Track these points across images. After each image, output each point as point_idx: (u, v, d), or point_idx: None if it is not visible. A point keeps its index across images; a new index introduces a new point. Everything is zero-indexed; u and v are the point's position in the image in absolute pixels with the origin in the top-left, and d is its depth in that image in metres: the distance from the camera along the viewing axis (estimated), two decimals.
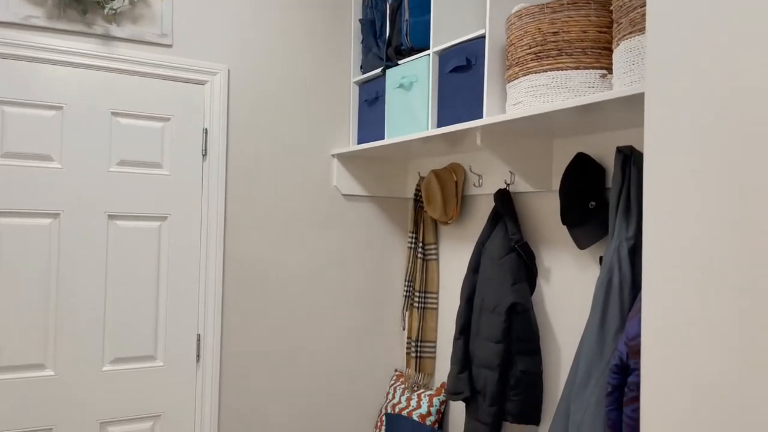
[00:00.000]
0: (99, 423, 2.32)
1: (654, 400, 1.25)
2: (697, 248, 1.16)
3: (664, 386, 1.23)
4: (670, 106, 1.18)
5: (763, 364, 1.05)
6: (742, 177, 1.08)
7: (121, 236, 2.37)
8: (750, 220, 1.07)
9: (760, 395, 1.05)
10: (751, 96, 1.05)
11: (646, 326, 1.27)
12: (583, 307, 2.11)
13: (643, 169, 1.23)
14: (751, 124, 1.06)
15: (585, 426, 1.74)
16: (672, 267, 1.21)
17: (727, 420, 1.10)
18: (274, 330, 2.68)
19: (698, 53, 1.12)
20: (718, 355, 1.12)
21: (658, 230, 1.23)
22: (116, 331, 2.36)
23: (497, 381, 2.15)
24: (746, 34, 1.04)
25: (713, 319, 1.13)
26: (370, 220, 2.92)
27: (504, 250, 2.22)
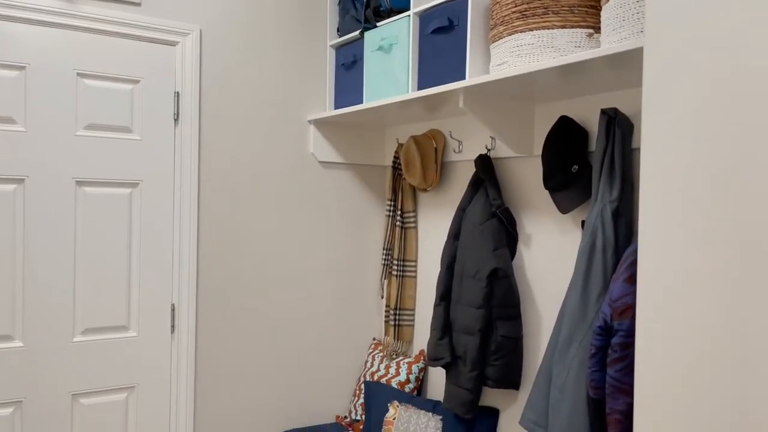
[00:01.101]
0: (71, 395, 2.26)
1: (647, 360, 1.25)
2: (693, 202, 1.15)
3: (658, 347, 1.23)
4: (670, 59, 1.16)
5: (758, 319, 1.05)
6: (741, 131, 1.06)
7: (90, 203, 2.28)
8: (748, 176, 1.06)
9: (754, 351, 1.05)
10: (752, 48, 1.03)
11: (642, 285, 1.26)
12: (565, 272, 2.11)
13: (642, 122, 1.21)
14: (751, 76, 1.04)
15: (567, 388, 1.74)
16: (668, 223, 1.20)
17: (721, 377, 1.11)
18: (250, 299, 2.63)
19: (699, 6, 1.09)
20: (713, 314, 1.12)
21: (655, 185, 1.22)
22: (87, 301, 2.28)
23: (478, 346, 2.15)
24: None
25: (707, 278, 1.13)
26: (348, 188, 2.87)
27: (485, 216, 2.20)
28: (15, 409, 2.17)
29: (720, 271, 1.11)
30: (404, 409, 2.48)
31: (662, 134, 1.20)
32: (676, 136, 1.18)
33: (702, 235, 1.14)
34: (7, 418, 2.15)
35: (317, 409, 2.82)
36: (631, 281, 1.57)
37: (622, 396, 1.56)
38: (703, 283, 1.14)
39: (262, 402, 2.67)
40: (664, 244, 1.21)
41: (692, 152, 1.15)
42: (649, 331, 1.25)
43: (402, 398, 2.52)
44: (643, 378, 1.26)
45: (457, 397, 2.23)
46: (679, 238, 1.18)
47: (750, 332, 1.06)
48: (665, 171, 1.20)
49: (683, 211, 1.17)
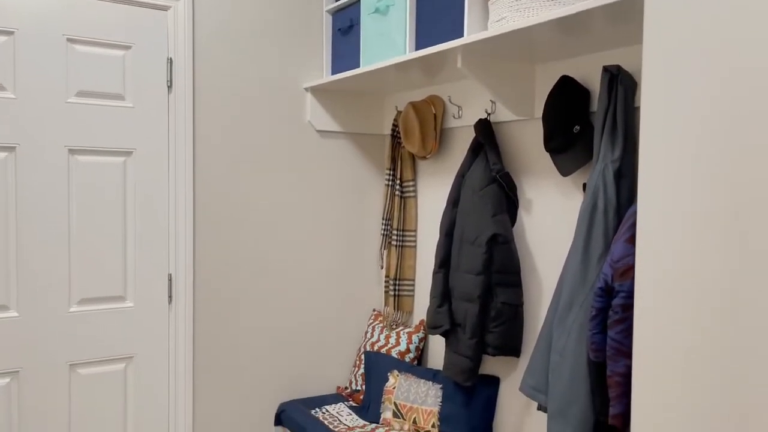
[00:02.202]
0: (68, 365, 2.25)
1: (647, 322, 1.21)
2: (694, 160, 1.11)
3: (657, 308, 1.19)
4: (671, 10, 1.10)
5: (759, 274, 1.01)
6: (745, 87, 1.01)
7: (83, 172, 2.24)
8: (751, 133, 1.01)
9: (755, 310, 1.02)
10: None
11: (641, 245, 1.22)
12: (567, 237, 2.07)
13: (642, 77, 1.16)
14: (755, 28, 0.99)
15: (568, 352, 1.71)
16: (668, 182, 1.16)
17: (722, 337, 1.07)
18: (248, 271, 2.61)
19: None
20: (714, 275, 1.08)
21: (655, 143, 1.17)
22: (82, 271, 2.26)
23: (477, 313, 2.12)
24: None
25: (708, 237, 1.09)
26: (346, 157, 2.83)
27: (485, 181, 2.16)
28: (12, 380, 2.16)
29: (721, 229, 1.07)
30: (404, 378, 2.46)
31: (662, 90, 1.16)
32: (676, 91, 1.13)
33: (702, 193, 1.10)
34: (4, 388, 2.14)
35: (318, 380, 2.80)
36: (632, 242, 1.53)
37: (623, 358, 1.53)
38: (704, 242, 1.10)
39: (262, 373, 2.65)
40: (663, 204, 1.17)
41: (693, 109, 1.10)
42: (648, 292, 1.21)
43: (402, 367, 2.50)
44: (643, 339, 1.22)
45: (457, 364, 2.21)
46: (679, 196, 1.14)
47: (750, 289, 1.03)
48: (665, 128, 1.16)
49: (683, 170, 1.13)
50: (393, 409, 2.42)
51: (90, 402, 2.29)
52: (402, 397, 2.42)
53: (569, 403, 1.69)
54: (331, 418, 2.50)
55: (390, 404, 2.44)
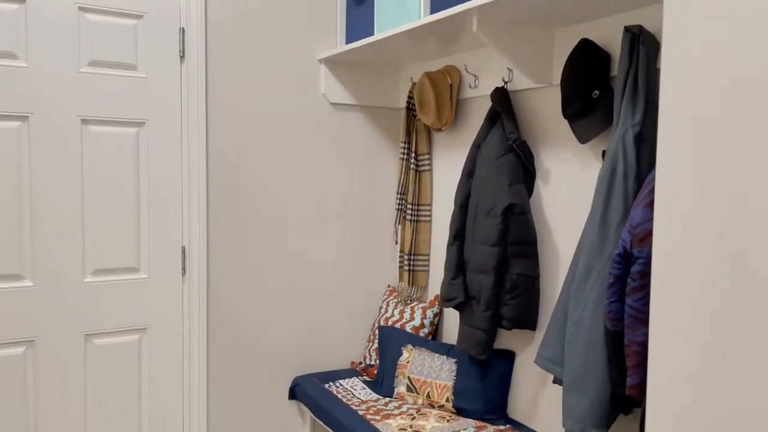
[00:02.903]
0: (83, 335, 2.26)
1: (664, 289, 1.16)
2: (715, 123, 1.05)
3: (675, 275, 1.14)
4: None
5: None
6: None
7: (96, 142, 2.24)
8: None
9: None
10: None
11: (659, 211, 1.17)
12: (585, 208, 2.01)
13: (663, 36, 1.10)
14: None
15: (584, 322, 1.67)
16: (686, 145, 1.10)
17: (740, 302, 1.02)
18: (262, 244, 2.59)
19: None
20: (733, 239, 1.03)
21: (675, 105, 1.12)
22: (96, 242, 2.26)
23: (492, 285, 2.08)
24: None
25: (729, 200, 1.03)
26: (361, 131, 2.79)
27: (501, 151, 2.11)
28: (27, 348, 2.17)
29: (741, 194, 1.01)
30: (418, 352, 2.43)
31: (683, 49, 1.10)
32: (698, 50, 1.07)
33: (723, 157, 1.04)
34: (20, 356, 2.16)
35: (332, 355, 2.79)
36: (653, 207, 1.47)
37: (642, 326, 1.48)
38: (724, 206, 1.05)
39: (277, 347, 2.65)
40: (682, 167, 1.12)
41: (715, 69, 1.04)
42: (666, 258, 1.16)
43: (416, 342, 2.48)
44: (660, 307, 1.18)
45: (471, 337, 2.17)
46: (699, 159, 1.08)
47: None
48: (686, 89, 1.10)
49: (704, 133, 1.07)
50: (407, 383, 2.40)
51: (105, 372, 2.30)
52: (416, 371, 2.39)
53: (585, 375, 1.65)
54: (344, 392, 2.49)
55: (404, 378, 2.41)
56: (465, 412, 2.26)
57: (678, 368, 1.14)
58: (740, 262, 1.03)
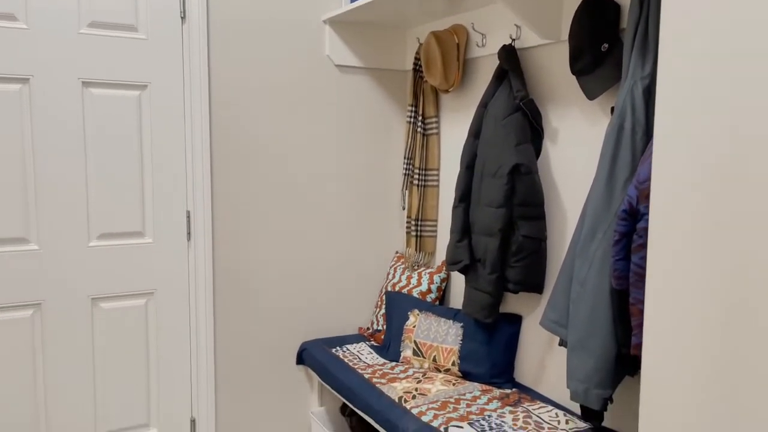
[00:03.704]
0: (90, 298, 2.27)
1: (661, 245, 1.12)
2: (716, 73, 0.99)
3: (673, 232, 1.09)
4: None
5: None
6: None
7: (97, 105, 2.22)
8: None
9: None
10: None
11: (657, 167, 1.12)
12: (593, 168, 1.95)
13: None
14: None
15: (589, 282, 1.63)
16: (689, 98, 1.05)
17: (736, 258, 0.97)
18: (267, 209, 2.57)
19: None
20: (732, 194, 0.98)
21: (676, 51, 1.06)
22: (100, 206, 2.25)
23: (498, 247, 2.04)
24: None
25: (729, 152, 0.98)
26: (367, 94, 2.74)
27: (508, 110, 2.05)
28: (35, 312, 2.19)
29: (743, 144, 0.96)
30: (424, 317, 2.41)
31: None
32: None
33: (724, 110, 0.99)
34: (27, 319, 2.18)
35: (339, 321, 2.79)
36: None
37: None
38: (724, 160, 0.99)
39: (284, 312, 2.64)
40: (682, 121, 1.06)
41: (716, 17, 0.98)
42: (664, 213, 1.11)
43: (422, 307, 2.46)
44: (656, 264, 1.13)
45: (477, 301, 2.14)
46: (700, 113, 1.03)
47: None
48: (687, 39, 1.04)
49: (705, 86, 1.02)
50: (413, 348, 2.38)
51: (112, 335, 2.32)
52: (422, 335, 2.38)
53: (590, 335, 1.62)
54: (351, 356, 2.48)
55: (410, 343, 2.40)
56: (471, 375, 2.25)
57: (674, 327, 1.10)
58: (741, 215, 0.98)
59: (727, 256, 1.02)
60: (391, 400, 2.06)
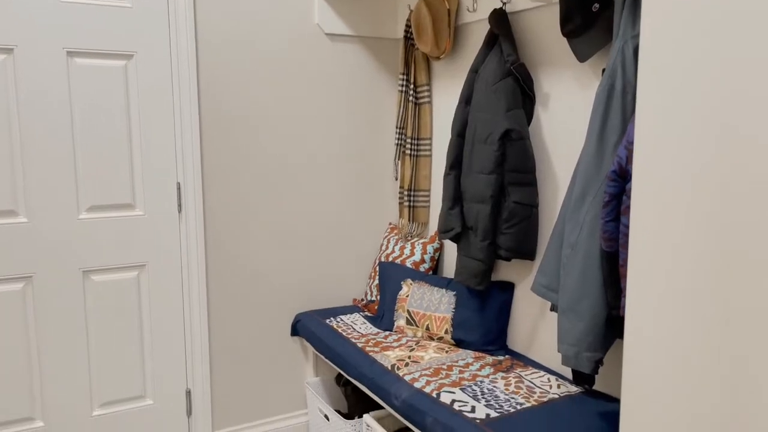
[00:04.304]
0: (81, 271, 2.26)
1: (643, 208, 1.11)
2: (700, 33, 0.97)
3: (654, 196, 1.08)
4: None
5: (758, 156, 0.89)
6: None
7: (83, 75, 2.18)
8: None
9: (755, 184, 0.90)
10: None
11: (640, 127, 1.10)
12: (585, 133, 1.93)
13: None
14: None
15: (580, 245, 1.62)
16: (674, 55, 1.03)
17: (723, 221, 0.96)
18: (259, 182, 2.55)
19: None
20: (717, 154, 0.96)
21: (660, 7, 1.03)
22: (89, 178, 2.23)
23: (489, 214, 2.03)
24: None
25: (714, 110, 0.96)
26: (358, 63, 2.70)
27: (499, 75, 2.02)
28: (26, 284, 2.18)
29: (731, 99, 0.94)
30: (417, 286, 2.41)
31: None
32: None
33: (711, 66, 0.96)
34: (18, 292, 2.17)
35: (333, 293, 2.78)
36: None
37: None
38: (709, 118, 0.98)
39: (278, 284, 2.64)
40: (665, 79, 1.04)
41: None
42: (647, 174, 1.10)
43: (416, 276, 2.45)
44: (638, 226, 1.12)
45: (469, 268, 2.14)
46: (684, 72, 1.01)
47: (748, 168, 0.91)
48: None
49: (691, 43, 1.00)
50: (406, 317, 2.38)
51: (105, 308, 2.31)
52: (415, 304, 2.38)
53: (580, 298, 1.61)
54: (345, 326, 2.49)
55: (403, 312, 2.40)
56: (464, 343, 2.25)
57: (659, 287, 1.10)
58: (722, 178, 0.97)
59: (712, 215, 1.00)
60: (384, 368, 2.06)
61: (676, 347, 1.08)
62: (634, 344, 1.16)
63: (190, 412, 2.51)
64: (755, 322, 0.95)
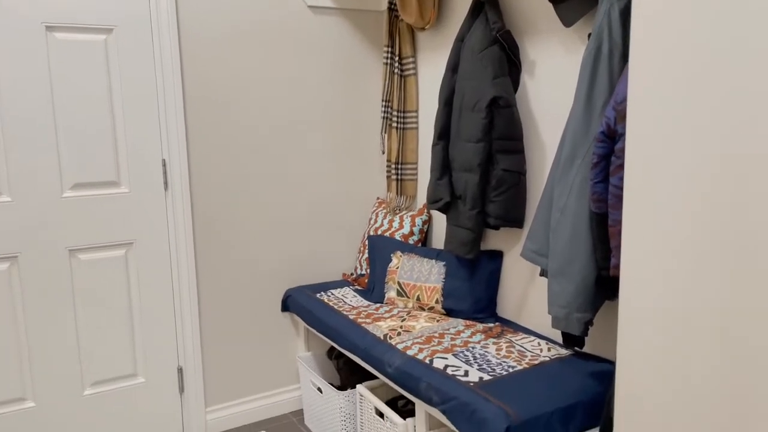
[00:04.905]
0: (67, 250, 2.24)
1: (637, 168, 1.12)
2: None
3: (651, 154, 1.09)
4: None
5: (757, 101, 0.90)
6: None
7: (62, 50, 2.14)
8: None
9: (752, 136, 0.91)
10: None
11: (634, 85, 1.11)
12: (571, 100, 1.94)
13: None
14: None
15: (569, 208, 1.64)
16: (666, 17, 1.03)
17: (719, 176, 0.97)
18: (245, 157, 2.53)
19: None
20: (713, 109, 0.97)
21: None
22: (72, 155, 2.20)
23: (478, 182, 2.04)
24: None
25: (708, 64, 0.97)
26: (342, 36, 2.68)
27: (485, 42, 2.02)
28: (11, 264, 2.16)
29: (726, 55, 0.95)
30: (407, 258, 2.42)
31: None
32: None
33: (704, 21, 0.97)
34: (4, 272, 2.14)
35: (323, 268, 2.79)
36: None
37: None
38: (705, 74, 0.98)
39: (267, 260, 2.63)
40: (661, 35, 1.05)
41: None
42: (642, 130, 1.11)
43: (405, 248, 2.46)
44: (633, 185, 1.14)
45: (458, 237, 2.15)
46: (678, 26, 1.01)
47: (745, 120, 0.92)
48: None
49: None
50: (397, 289, 2.40)
51: (93, 287, 2.30)
52: (405, 276, 2.39)
53: (570, 261, 1.63)
54: (336, 300, 2.49)
55: (394, 284, 2.41)
56: (454, 312, 2.27)
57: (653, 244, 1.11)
58: (718, 130, 0.98)
59: (705, 173, 1.02)
60: (376, 338, 2.08)
61: (674, 305, 1.10)
62: (630, 302, 1.17)
63: (183, 389, 2.51)
64: (754, 277, 0.97)
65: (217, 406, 2.59)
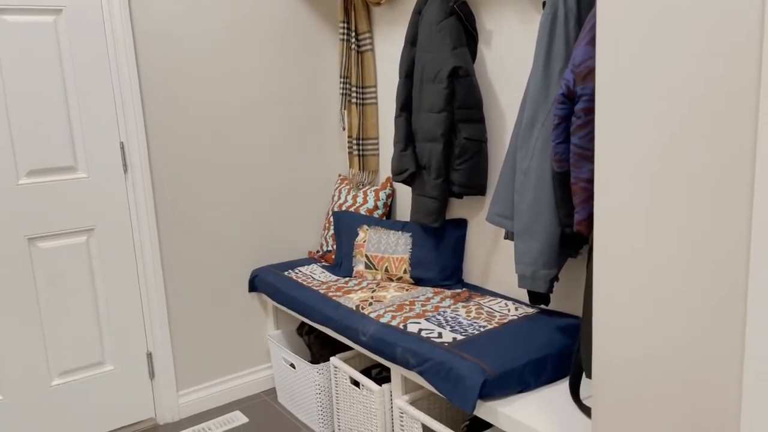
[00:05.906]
0: (26, 238, 2.18)
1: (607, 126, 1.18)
2: None
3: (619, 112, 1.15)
4: None
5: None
6: None
7: (10, 33, 2.07)
8: None
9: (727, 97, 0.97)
10: None
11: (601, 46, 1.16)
12: (528, 68, 2.00)
13: None
14: None
15: (532, 170, 1.70)
16: None
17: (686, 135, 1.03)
18: (205, 139, 2.51)
19: None
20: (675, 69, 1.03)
21: None
22: (25, 141, 2.14)
23: (441, 151, 2.09)
24: None
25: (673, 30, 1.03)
26: (298, 13, 2.67)
27: (442, 15, 2.06)
28: None
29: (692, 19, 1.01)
30: (374, 231, 2.46)
31: None
32: None
33: None
34: None
35: (288, 247, 2.80)
36: (594, 44, 1.48)
37: (587, 163, 1.52)
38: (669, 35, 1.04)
39: (232, 241, 2.62)
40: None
41: None
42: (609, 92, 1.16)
43: (371, 222, 2.50)
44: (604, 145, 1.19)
45: (424, 206, 2.20)
46: None
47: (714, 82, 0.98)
48: None
49: None
50: (365, 261, 2.43)
51: (54, 275, 2.24)
52: (373, 249, 2.43)
53: (535, 220, 1.70)
54: (304, 276, 2.51)
55: (361, 257, 2.45)
56: (422, 281, 2.33)
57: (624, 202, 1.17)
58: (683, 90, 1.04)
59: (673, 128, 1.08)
60: (348, 309, 2.11)
61: (645, 259, 1.16)
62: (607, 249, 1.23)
63: (153, 374, 2.49)
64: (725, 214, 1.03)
65: (188, 389, 2.58)
